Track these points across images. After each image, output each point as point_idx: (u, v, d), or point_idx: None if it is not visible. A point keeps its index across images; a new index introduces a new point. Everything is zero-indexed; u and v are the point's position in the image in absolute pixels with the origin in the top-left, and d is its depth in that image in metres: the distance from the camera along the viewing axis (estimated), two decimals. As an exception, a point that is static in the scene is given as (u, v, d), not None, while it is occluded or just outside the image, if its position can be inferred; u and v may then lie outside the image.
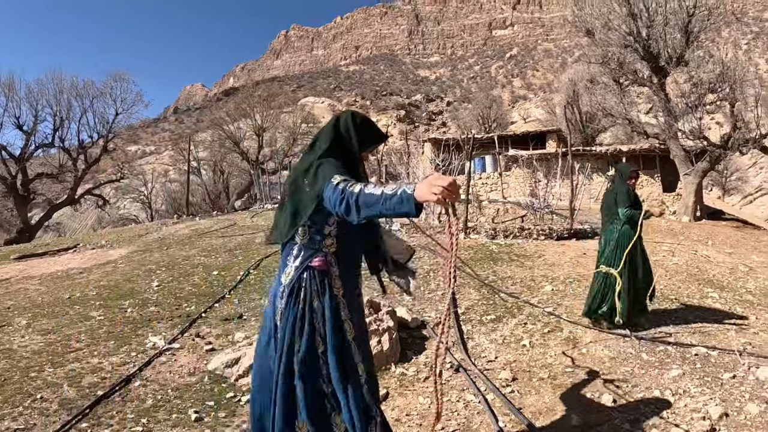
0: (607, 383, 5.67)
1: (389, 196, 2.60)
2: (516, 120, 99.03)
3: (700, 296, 9.59)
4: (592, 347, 6.75)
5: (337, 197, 2.79)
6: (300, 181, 3.19)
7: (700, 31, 23.17)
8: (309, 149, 3.38)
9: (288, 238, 3.27)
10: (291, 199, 3.23)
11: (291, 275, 3.21)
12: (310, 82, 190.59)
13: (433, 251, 12.62)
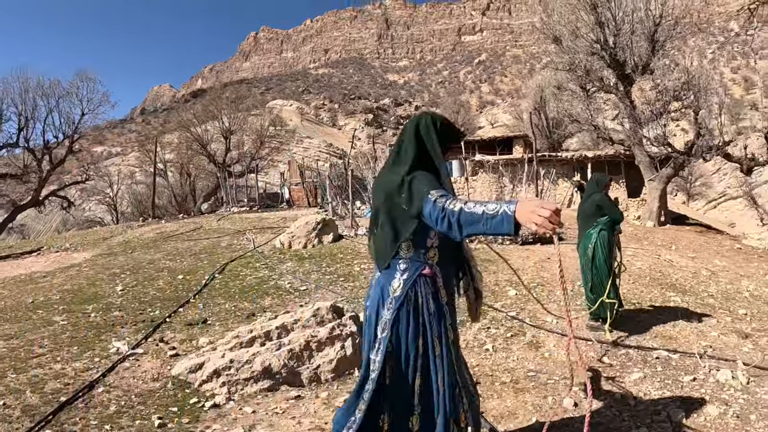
0: (569, 387, 5.70)
1: (490, 216, 2.65)
2: (484, 125, 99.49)
3: (662, 300, 9.71)
4: (554, 351, 6.82)
5: (438, 215, 2.84)
6: (396, 198, 3.19)
7: (666, 40, 23.45)
8: (395, 157, 3.42)
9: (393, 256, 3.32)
10: (388, 217, 3.27)
11: (400, 287, 3.26)
12: (278, 85, 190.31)
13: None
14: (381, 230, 3.34)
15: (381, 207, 3.33)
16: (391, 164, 3.43)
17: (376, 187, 3.52)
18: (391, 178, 3.28)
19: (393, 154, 3.45)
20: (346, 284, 10.18)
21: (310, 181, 36.97)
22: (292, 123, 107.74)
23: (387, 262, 3.32)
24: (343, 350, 6.16)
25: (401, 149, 3.39)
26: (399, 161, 3.34)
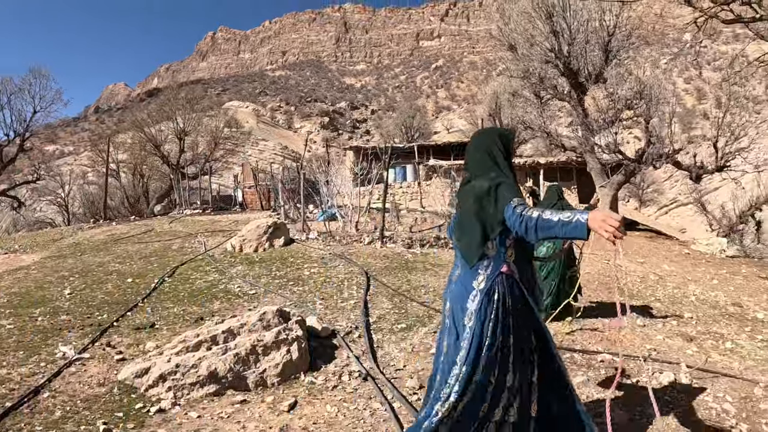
0: None
1: (565, 223, 3.13)
2: (440, 130, 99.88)
3: (609, 304, 9.90)
4: None
5: (516, 219, 3.31)
6: (484, 202, 3.59)
7: (619, 50, 23.85)
8: (482, 164, 3.84)
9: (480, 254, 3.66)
10: (478, 218, 3.63)
11: (484, 282, 3.59)
12: (235, 86, 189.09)
13: (348, 260, 12.73)
14: (469, 231, 3.69)
15: (470, 209, 3.69)
16: (478, 172, 3.84)
17: (464, 192, 3.86)
18: (481, 183, 3.68)
19: (478, 161, 3.89)
20: (296, 288, 10.19)
21: (263, 184, 36.79)
22: (247, 125, 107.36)
23: (475, 259, 3.65)
24: (289, 354, 6.20)
25: (489, 158, 3.85)
26: (486, 169, 3.79)
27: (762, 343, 8.43)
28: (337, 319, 8.20)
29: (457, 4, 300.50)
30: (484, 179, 3.70)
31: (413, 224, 18.91)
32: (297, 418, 5.19)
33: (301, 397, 5.68)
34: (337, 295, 9.62)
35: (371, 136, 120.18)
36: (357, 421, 5.10)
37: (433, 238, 15.07)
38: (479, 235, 3.61)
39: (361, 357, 6.70)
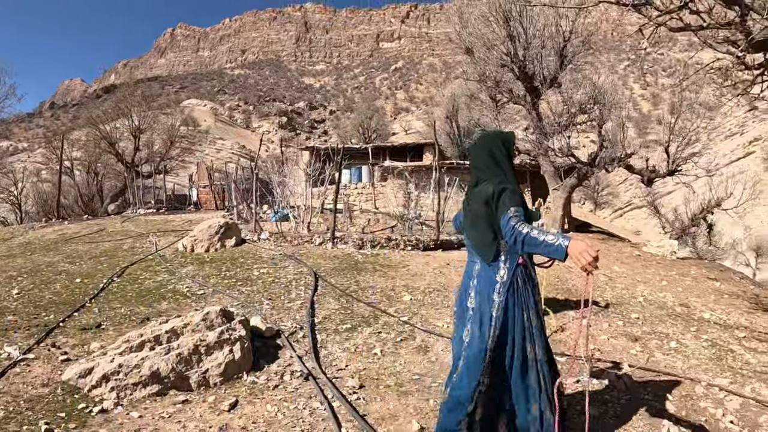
0: None
1: (549, 244, 3.62)
2: (398, 131, 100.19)
3: (556, 305, 10.02)
4: (442, 355, 6.97)
5: (508, 230, 3.82)
6: (491, 206, 4.09)
7: (575, 56, 24.13)
8: (490, 167, 4.31)
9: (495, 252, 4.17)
10: (487, 221, 4.15)
11: (506, 274, 4.13)
12: (193, 84, 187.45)
13: (298, 260, 12.78)
14: (482, 232, 4.21)
15: (480, 212, 4.19)
16: (486, 175, 4.32)
17: (473, 195, 4.33)
18: (487, 188, 4.16)
19: (486, 163, 4.35)
20: (244, 288, 10.20)
21: (218, 183, 36.58)
22: (205, 123, 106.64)
23: (491, 257, 4.17)
24: (231, 354, 6.24)
25: (494, 161, 4.32)
26: (493, 173, 4.28)
27: (706, 342, 8.64)
28: (282, 319, 8.24)
29: (418, 7, 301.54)
30: (489, 184, 4.18)
31: (366, 225, 18.98)
32: (237, 417, 5.24)
33: (243, 396, 5.73)
34: (284, 295, 9.66)
35: (329, 137, 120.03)
36: (296, 420, 5.16)
37: (384, 239, 15.11)
38: (490, 235, 4.14)
39: (304, 357, 6.76)
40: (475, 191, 4.33)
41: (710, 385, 6.38)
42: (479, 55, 24.69)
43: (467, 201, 4.47)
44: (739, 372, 7.25)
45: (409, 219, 17.72)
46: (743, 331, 9.94)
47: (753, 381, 6.87)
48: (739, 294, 14.45)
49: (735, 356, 8.11)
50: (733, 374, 7.08)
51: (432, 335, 7.75)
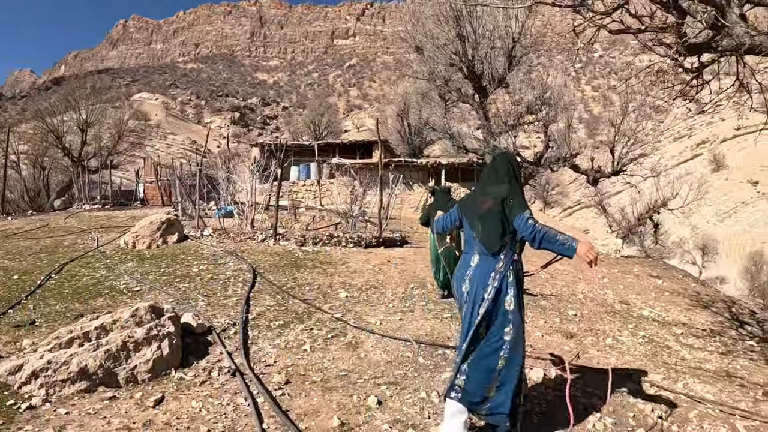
0: (378, 386, 5.92)
1: (562, 243, 4.45)
2: (350, 129, 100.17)
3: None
4: (371, 351, 7.03)
5: (528, 228, 4.54)
6: (505, 205, 4.75)
7: (523, 57, 24.42)
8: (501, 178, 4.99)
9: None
10: (499, 216, 4.76)
11: (503, 265, 4.72)
12: (145, 77, 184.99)
13: (239, 257, 12.76)
14: (493, 227, 4.77)
15: (491, 209, 4.82)
16: (488, 181, 5.12)
17: (485, 194, 5.00)
18: (500, 191, 4.87)
19: (491, 175, 5.10)
20: (182, 285, 10.15)
21: (165, 179, 36.18)
22: (156, 118, 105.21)
23: (497, 248, 4.73)
24: (159, 350, 6.22)
25: (509, 171, 5.02)
26: (497, 179, 4.99)
27: (643, 339, 8.81)
28: (216, 315, 8.22)
29: (374, 5, 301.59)
30: (502, 188, 4.89)
31: (311, 222, 18.99)
32: (162, 413, 5.22)
33: (169, 392, 5.70)
34: (221, 292, 9.64)
35: (281, 133, 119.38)
36: (219, 416, 5.15)
37: (327, 237, 15.15)
38: (500, 229, 4.72)
39: (234, 353, 6.75)
40: (487, 191, 5.00)
41: (641, 381, 6.51)
42: (429, 53, 24.79)
43: (475, 199, 5.13)
44: (673, 368, 7.42)
45: (353, 216, 17.77)
46: (681, 328, 10.17)
47: (686, 377, 7.03)
48: (680, 291, 14.78)
49: (671, 352, 8.30)
50: (667, 370, 7.24)
51: (364, 332, 7.80)
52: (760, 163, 78.04)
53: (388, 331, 7.97)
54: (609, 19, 6.90)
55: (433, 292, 10.52)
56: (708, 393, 6.52)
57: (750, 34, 6.12)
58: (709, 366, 7.97)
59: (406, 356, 6.98)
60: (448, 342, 7.65)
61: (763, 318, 13.21)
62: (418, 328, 8.21)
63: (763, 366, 8.36)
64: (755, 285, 45.20)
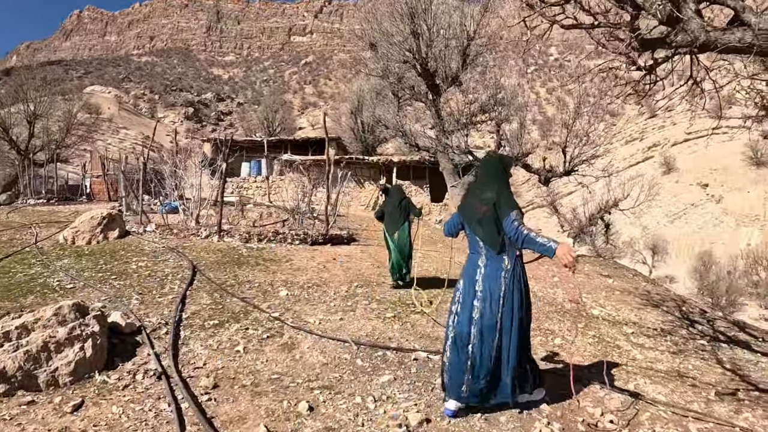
0: (311, 390, 5.68)
1: (542, 244, 4.93)
2: (305, 126, 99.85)
3: (440, 300, 9.91)
4: (308, 353, 6.80)
5: (512, 230, 5.06)
6: (497, 206, 5.23)
7: (477, 56, 24.37)
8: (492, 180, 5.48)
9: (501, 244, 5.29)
10: (493, 218, 5.25)
11: (509, 263, 5.26)
12: (98, 69, 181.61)
13: (180, 254, 12.41)
14: (489, 228, 5.28)
15: (487, 213, 5.30)
16: (479, 184, 5.62)
17: (480, 200, 5.43)
18: (491, 194, 5.33)
19: (481, 178, 5.63)
20: (117, 282, 9.77)
21: (112, 173, 35.46)
22: (108, 111, 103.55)
23: (498, 247, 5.25)
24: (82, 351, 5.92)
25: (487, 175, 5.56)
26: (487, 182, 5.48)
27: (593, 339, 8.73)
28: (149, 314, 7.91)
29: (332, 2, 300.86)
30: (492, 191, 5.35)
31: (258, 219, 18.69)
32: (79, 420, 4.96)
33: (90, 397, 5.43)
34: (157, 289, 9.32)
35: (236, 129, 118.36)
36: (139, 423, 4.90)
37: (272, 233, 14.87)
38: (496, 230, 5.22)
39: (163, 354, 6.46)
40: (483, 198, 5.41)
41: (591, 383, 6.37)
42: (382, 50, 24.64)
43: (472, 204, 5.55)
44: (624, 368, 7.33)
45: (300, 213, 17.50)
46: (632, 327, 10.11)
47: (638, 377, 6.96)
48: (631, 290, 14.80)
49: (621, 353, 8.22)
50: (618, 371, 7.14)
51: (301, 332, 7.56)
52: (710, 166, 79.90)
53: (327, 331, 7.74)
54: (563, 15, 6.78)
55: (377, 291, 10.31)
56: (660, 394, 6.44)
57: (705, 30, 6.03)
58: (661, 366, 7.89)
59: (343, 358, 6.74)
60: (389, 343, 7.44)
61: (713, 317, 13.27)
62: (358, 329, 7.99)
63: (714, 365, 8.32)
64: (704, 284, 45.71)
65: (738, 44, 5.95)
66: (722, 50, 6.10)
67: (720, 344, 9.91)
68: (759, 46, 5.84)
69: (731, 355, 9.22)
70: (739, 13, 6.08)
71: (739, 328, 12.32)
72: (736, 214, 72.93)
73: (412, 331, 8.05)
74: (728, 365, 8.47)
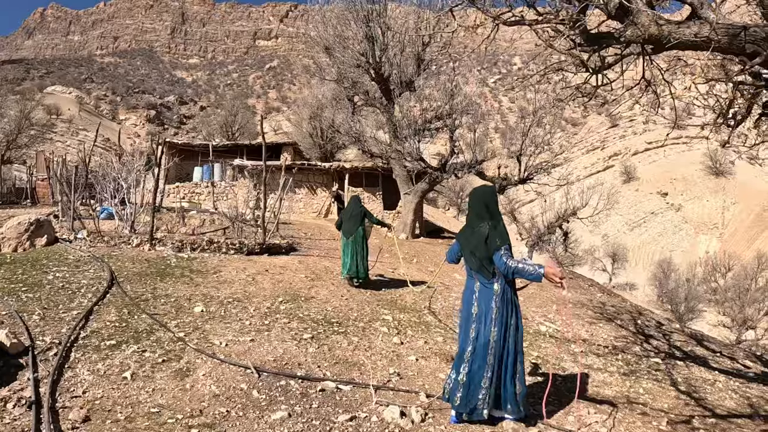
0: (189, 428, 5.09)
1: (531, 273, 5.39)
2: (267, 131, 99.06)
3: (369, 318, 9.46)
4: (201, 381, 6.14)
5: (501, 265, 5.45)
6: (487, 241, 5.59)
7: (432, 61, 24.13)
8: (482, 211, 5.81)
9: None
10: (484, 251, 5.60)
11: (500, 288, 5.61)
12: (60, 69, 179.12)
13: (105, 263, 11.72)
14: (480, 260, 5.64)
15: (480, 245, 5.63)
16: (472, 217, 5.91)
17: (472, 232, 5.79)
18: (483, 228, 5.68)
19: (472, 211, 5.92)
20: (26, 295, 8.92)
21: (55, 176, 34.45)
22: (69, 112, 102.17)
23: (490, 276, 5.62)
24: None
25: (487, 208, 5.81)
26: (478, 216, 5.81)
27: (538, 359, 8.36)
28: (45, 332, 7.16)
29: (298, 6, 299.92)
30: (484, 224, 5.71)
31: (200, 225, 18.02)
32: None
33: (-52, 429, 4.83)
34: (65, 303, 8.55)
35: (198, 133, 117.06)
36: (-10, 462, 4.34)
37: (207, 242, 14.23)
38: (486, 263, 5.61)
39: (46, 379, 5.78)
40: (475, 231, 5.76)
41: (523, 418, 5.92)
42: (337, 54, 24.34)
43: (467, 236, 5.86)
44: (565, 395, 6.87)
45: (240, 221, 16.86)
46: (581, 345, 9.69)
47: (581, 406, 6.57)
48: (585, 303, 14.51)
49: (565, 377, 7.73)
50: (556, 398, 6.69)
51: (202, 355, 6.88)
52: (669, 175, 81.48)
53: (232, 354, 7.04)
54: (509, 14, 6.44)
55: (304, 307, 9.73)
56: (604, 428, 6.03)
57: (657, 23, 5.66)
58: (609, 391, 7.46)
59: (239, 388, 6.08)
60: (299, 369, 6.83)
61: (670, 329, 12.97)
62: (268, 352, 7.30)
63: (667, 388, 7.94)
64: (663, 291, 46.73)
65: (694, 39, 5.67)
66: (677, 46, 5.75)
67: (675, 362, 9.56)
68: (717, 42, 5.50)
69: (687, 374, 8.87)
70: (696, 9, 5.73)
71: (696, 341, 12.05)
72: (695, 222, 74.49)
73: (328, 355, 7.44)
74: (683, 387, 8.12)
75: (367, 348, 7.90)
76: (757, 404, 7.82)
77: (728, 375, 9.23)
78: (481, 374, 5.61)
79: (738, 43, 5.49)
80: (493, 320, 5.59)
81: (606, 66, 6.82)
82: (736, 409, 7.50)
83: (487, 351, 5.60)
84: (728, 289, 43.71)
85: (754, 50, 5.50)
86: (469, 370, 5.66)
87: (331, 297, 10.75)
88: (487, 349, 5.60)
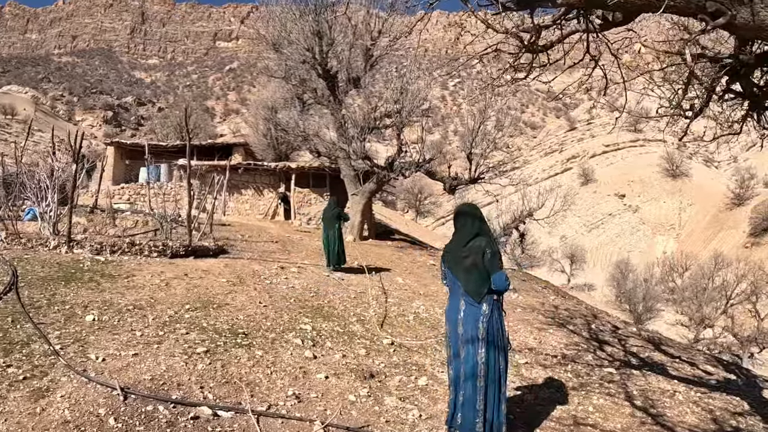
0: None
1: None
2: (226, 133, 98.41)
3: (284, 329, 8.69)
4: (56, 404, 5.21)
5: (505, 285, 5.51)
6: (484, 257, 5.51)
7: (381, 57, 23.68)
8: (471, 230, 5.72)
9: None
10: (479, 269, 5.51)
11: (488, 308, 5.51)
12: (17, 68, 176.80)
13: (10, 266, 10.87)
14: (476, 278, 5.52)
15: (475, 262, 5.52)
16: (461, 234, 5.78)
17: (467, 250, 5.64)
18: (480, 243, 5.59)
19: (462, 229, 5.79)
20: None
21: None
22: (24, 113, 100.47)
23: (482, 296, 5.50)
24: None
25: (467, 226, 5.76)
26: (469, 233, 5.70)
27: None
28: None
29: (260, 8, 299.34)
30: (478, 243, 5.58)
31: (133, 227, 17.28)
32: None
33: None
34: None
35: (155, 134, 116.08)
36: None
37: (128, 244, 13.43)
38: (482, 282, 5.50)
39: None
40: (468, 246, 5.63)
41: None
42: (284, 51, 23.85)
43: (457, 253, 5.72)
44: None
45: (168, 222, 16.09)
46: (527, 356, 9.03)
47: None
48: (536, 306, 13.98)
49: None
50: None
51: (71, 372, 5.91)
52: (627, 177, 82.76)
53: (105, 371, 6.06)
54: None
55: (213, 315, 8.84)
56: None
57: None
58: (554, 411, 6.77)
59: (96, 414, 5.13)
60: (178, 389, 5.91)
61: (627, 333, 12.28)
62: (148, 369, 6.29)
63: (621, 403, 7.30)
64: (621, 291, 47.47)
65: (643, -3, 4.69)
66: (621, 6, 4.83)
67: (631, 371, 8.88)
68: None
69: (643, 385, 8.21)
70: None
71: (654, 345, 11.39)
72: (653, 223, 75.81)
73: (218, 374, 6.48)
74: (639, 401, 7.47)
75: (270, 364, 7.06)
76: (721, 418, 7.26)
77: (689, 384, 8.59)
78: (472, 398, 5.50)
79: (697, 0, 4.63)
80: (480, 341, 5.48)
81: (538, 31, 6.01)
82: (698, 426, 6.93)
83: (476, 373, 5.47)
84: (686, 289, 44.41)
85: (716, 8, 4.43)
86: (466, 392, 5.53)
87: (248, 304, 9.86)
88: (476, 371, 5.47)
